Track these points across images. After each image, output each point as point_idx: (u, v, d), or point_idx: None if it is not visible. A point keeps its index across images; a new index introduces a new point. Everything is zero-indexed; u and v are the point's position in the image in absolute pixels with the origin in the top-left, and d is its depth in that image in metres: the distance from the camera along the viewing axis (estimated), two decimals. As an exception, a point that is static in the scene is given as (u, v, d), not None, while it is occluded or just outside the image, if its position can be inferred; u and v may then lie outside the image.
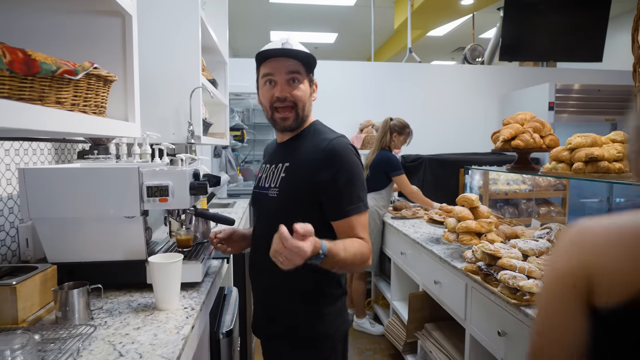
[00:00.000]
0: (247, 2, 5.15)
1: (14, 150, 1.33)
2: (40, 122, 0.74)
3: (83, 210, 1.18)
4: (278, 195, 1.16)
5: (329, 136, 1.15)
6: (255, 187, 1.29)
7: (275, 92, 1.14)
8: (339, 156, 1.10)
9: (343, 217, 1.10)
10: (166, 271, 1.08)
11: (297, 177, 1.14)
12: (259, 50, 1.15)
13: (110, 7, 1.04)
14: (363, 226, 1.13)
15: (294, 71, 1.14)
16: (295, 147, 1.19)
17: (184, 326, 0.99)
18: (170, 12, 1.95)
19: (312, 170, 1.11)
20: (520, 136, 1.90)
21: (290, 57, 1.13)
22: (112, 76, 0.94)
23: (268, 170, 1.24)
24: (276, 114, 1.16)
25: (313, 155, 1.13)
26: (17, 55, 0.71)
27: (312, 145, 1.15)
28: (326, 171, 1.10)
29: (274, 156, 1.26)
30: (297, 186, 1.14)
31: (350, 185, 1.10)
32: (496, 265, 1.56)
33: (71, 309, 1.00)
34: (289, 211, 1.13)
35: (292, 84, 1.14)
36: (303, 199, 1.13)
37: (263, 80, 1.16)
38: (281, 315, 1.19)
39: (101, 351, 0.87)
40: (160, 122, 2.02)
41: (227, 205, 3.35)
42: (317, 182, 1.10)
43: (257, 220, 1.28)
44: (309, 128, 1.21)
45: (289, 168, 1.17)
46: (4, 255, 1.28)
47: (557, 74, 4.99)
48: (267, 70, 1.15)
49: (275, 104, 1.14)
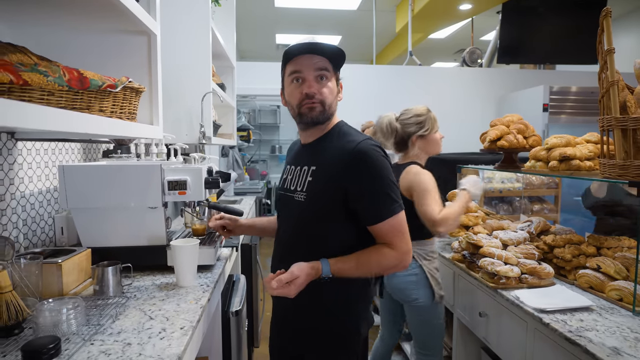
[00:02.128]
0: (253, 6, 5.34)
1: (50, 150, 1.52)
2: (87, 127, 0.92)
3: (113, 202, 1.36)
4: (305, 200, 1.14)
5: (356, 138, 1.12)
6: (280, 188, 1.27)
7: (303, 88, 1.11)
8: (367, 160, 1.08)
9: (376, 223, 1.09)
10: (186, 252, 1.26)
11: (325, 182, 1.12)
12: (287, 47, 1.12)
13: (138, 27, 1.22)
14: (397, 230, 1.10)
15: (323, 68, 1.11)
16: (321, 150, 1.17)
17: (202, 298, 1.18)
18: (184, 24, 2.14)
19: (341, 175, 1.09)
20: (505, 137, 2.06)
21: (319, 53, 1.11)
22: (142, 88, 1.12)
23: (293, 172, 1.22)
24: (303, 107, 1.13)
25: (341, 159, 1.10)
26: (73, 74, 0.89)
27: (339, 147, 1.12)
28: (356, 176, 1.08)
29: (299, 158, 1.24)
30: (325, 190, 1.11)
31: (382, 189, 1.08)
32: (478, 253, 1.73)
33: (106, 283, 1.18)
34: (316, 217, 1.12)
35: (321, 81, 1.12)
36: (331, 203, 1.11)
37: (290, 78, 1.14)
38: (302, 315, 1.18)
39: (134, 315, 1.05)
40: (175, 124, 2.21)
41: (234, 202, 3.53)
42: (346, 187, 1.09)
43: (282, 224, 1.27)
44: (335, 129, 1.19)
45: (315, 172, 1.14)
46: (43, 241, 1.47)
47: (556, 76, 5.13)
48: (294, 67, 1.12)
49: (303, 102, 1.12)
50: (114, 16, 1.11)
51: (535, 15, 4.78)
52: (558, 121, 4.29)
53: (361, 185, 1.08)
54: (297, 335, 1.21)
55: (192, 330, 0.98)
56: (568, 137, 1.78)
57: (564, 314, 1.31)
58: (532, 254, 1.65)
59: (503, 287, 1.55)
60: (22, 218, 1.35)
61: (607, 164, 1.42)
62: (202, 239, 1.54)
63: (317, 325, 1.16)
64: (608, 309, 1.35)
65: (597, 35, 1.43)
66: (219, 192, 3.45)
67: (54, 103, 0.87)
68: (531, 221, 1.97)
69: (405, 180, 1.73)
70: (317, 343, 1.17)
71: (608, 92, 1.40)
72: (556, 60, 5.15)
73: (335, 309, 1.15)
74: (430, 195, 1.64)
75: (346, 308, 1.16)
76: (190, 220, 1.82)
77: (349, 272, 1.08)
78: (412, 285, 1.72)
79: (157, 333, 0.95)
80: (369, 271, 1.10)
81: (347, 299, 1.16)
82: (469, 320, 1.82)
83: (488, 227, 2.13)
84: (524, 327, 1.41)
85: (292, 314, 1.21)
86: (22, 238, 1.35)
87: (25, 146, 1.38)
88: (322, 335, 1.16)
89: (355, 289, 1.16)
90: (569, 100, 4.33)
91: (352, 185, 1.08)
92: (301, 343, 1.20)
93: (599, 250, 1.68)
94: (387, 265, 1.11)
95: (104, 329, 0.97)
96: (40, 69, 0.84)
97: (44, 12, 1.11)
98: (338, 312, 1.15)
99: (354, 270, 1.08)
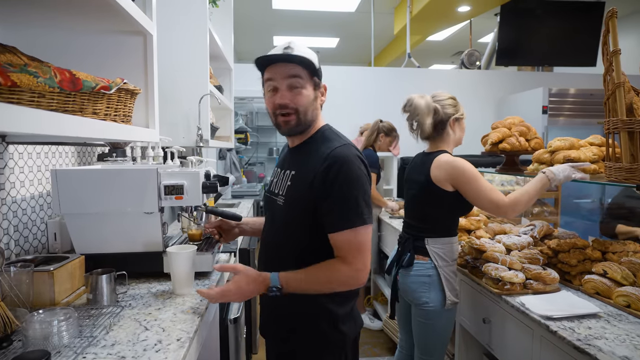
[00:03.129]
0: (251, 8, 5.31)
1: (43, 154, 1.48)
2: (80, 130, 0.89)
3: (107, 207, 1.32)
4: (284, 204, 1.15)
5: (333, 144, 1.11)
6: (267, 190, 1.29)
7: (276, 99, 1.11)
8: (337, 166, 1.06)
9: (332, 232, 1.06)
10: (182, 259, 1.22)
11: (299, 187, 1.12)
12: (259, 56, 1.12)
13: (133, 27, 1.18)
14: (353, 245, 1.05)
15: (295, 75, 1.10)
16: (302, 154, 1.17)
17: (199, 307, 1.14)
18: (181, 25, 2.10)
19: (311, 180, 1.08)
20: (507, 139, 2.04)
21: (290, 61, 1.10)
22: (137, 89, 1.08)
23: (279, 176, 1.24)
24: (279, 117, 1.14)
25: (315, 164, 1.09)
26: (65, 75, 0.85)
27: (317, 153, 1.12)
28: (323, 182, 1.06)
29: (285, 161, 1.25)
30: (299, 196, 1.11)
31: (344, 197, 1.05)
32: (481, 258, 1.70)
33: (100, 292, 1.14)
34: (293, 221, 1.12)
35: (294, 90, 1.11)
36: (304, 209, 1.10)
37: (266, 86, 1.15)
38: (288, 318, 1.15)
39: (129, 326, 1.01)
40: (171, 126, 2.16)
41: (232, 205, 3.50)
42: (314, 193, 1.07)
43: (265, 226, 1.28)
44: (317, 134, 1.18)
45: (294, 176, 1.15)
46: (35, 247, 1.43)
47: (554, 79, 5.12)
48: (268, 75, 1.13)
49: (277, 112, 1.13)
50: (109, 16, 1.07)
51: (533, 17, 4.77)
52: (557, 123, 4.28)
53: (325, 190, 1.06)
54: (279, 334, 1.19)
55: (189, 342, 0.94)
56: (571, 139, 1.75)
57: (571, 321, 1.28)
58: (536, 259, 1.62)
59: (507, 293, 1.52)
60: (14, 224, 1.31)
61: (613, 167, 1.39)
62: (199, 244, 1.50)
63: (296, 325, 1.14)
64: (616, 316, 1.31)
65: (602, 36, 1.40)
66: (216, 195, 3.40)
67: (44, 105, 0.83)
68: (534, 225, 1.94)
69: (439, 170, 1.62)
70: (299, 342, 1.15)
71: (614, 94, 1.37)
72: (554, 62, 5.15)
73: (308, 307, 1.12)
74: (481, 180, 1.57)
75: (321, 305, 1.11)
76: (187, 225, 1.78)
77: (297, 284, 1.05)
78: (424, 287, 1.63)
79: (153, 345, 0.91)
80: (318, 286, 1.06)
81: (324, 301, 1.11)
82: (472, 326, 1.78)
83: (490, 230, 2.10)
84: (529, 335, 1.38)
85: (275, 316, 1.19)
86: (13, 245, 1.31)
87: (17, 149, 1.33)
88: (302, 334, 1.14)
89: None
90: (568, 102, 4.32)
91: (319, 189, 1.07)
92: (286, 341, 1.17)
93: (604, 255, 1.66)
94: (337, 280, 1.07)
95: (97, 341, 0.93)
96: (30, 69, 0.80)
97: (38, 13, 1.07)
98: (312, 311, 1.12)
99: (303, 284, 1.05)
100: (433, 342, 1.69)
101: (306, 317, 1.12)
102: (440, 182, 1.62)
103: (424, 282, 1.63)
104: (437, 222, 1.68)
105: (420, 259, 1.66)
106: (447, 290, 1.62)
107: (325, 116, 1.21)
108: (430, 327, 1.66)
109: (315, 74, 1.15)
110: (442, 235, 1.66)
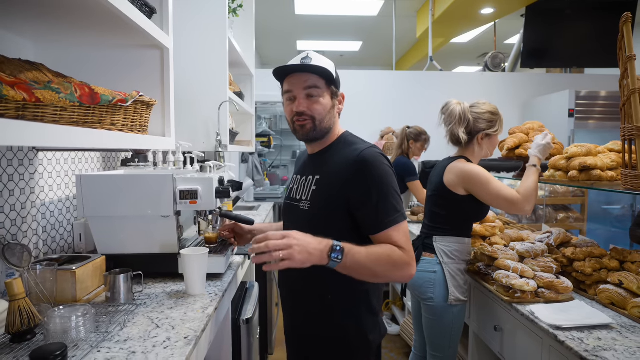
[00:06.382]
0: (274, 14, 5.40)
1: (70, 160, 1.58)
2: (99, 142, 0.96)
3: (127, 210, 1.40)
4: (309, 209, 1.15)
5: (360, 147, 1.14)
6: (287, 197, 1.29)
7: (294, 107, 1.15)
8: (370, 168, 1.08)
9: (378, 232, 1.08)
10: (194, 261, 1.28)
11: (329, 190, 1.13)
12: (276, 68, 1.16)
13: (151, 42, 1.26)
14: (403, 235, 1.08)
15: (312, 86, 1.13)
16: (325, 159, 1.19)
17: (208, 307, 1.19)
18: (202, 36, 2.19)
19: (344, 183, 1.10)
20: (524, 145, 2.00)
21: (308, 72, 1.14)
22: (153, 101, 1.15)
23: (299, 182, 1.25)
24: (296, 123, 1.17)
25: (344, 167, 1.11)
26: (84, 90, 0.93)
27: (343, 156, 1.14)
28: (358, 184, 1.08)
29: (305, 168, 1.26)
30: (328, 199, 1.13)
31: (385, 198, 1.08)
32: (493, 265, 1.69)
33: (118, 290, 1.21)
34: (320, 225, 1.11)
35: (311, 99, 1.14)
36: (335, 212, 1.11)
37: (285, 96, 1.19)
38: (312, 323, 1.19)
39: (142, 323, 1.08)
40: (192, 132, 2.25)
41: (252, 208, 3.58)
42: (349, 195, 1.09)
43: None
44: (339, 140, 1.21)
45: (319, 181, 1.16)
46: (62, 247, 1.53)
47: (584, 80, 4.96)
48: (287, 87, 1.17)
49: (294, 119, 1.17)
50: (128, 33, 1.15)
51: (560, 17, 4.64)
52: (586, 127, 4.14)
53: (363, 193, 1.08)
54: (304, 343, 1.23)
55: (196, 340, 0.99)
56: (589, 146, 1.71)
57: (581, 332, 1.26)
58: (550, 267, 1.60)
59: (518, 301, 1.50)
60: (42, 225, 1.41)
61: (629, 175, 1.36)
62: (214, 247, 1.56)
63: (324, 333, 1.17)
64: (629, 328, 1.28)
65: (618, 41, 1.38)
66: (234, 198, 3.49)
67: (66, 118, 0.90)
68: (551, 232, 1.91)
69: (452, 175, 1.69)
70: (324, 351, 1.17)
71: (629, 100, 1.34)
72: (583, 63, 4.98)
73: (341, 316, 1.15)
74: (492, 182, 1.62)
75: (352, 315, 1.15)
76: (204, 227, 1.85)
77: (358, 256, 1.00)
78: (429, 284, 1.70)
79: (162, 342, 0.97)
80: (377, 264, 1.03)
81: (353, 306, 1.16)
82: (484, 334, 1.77)
83: (506, 237, 2.08)
84: (539, 344, 1.36)
85: (300, 322, 1.23)
86: (42, 244, 1.41)
87: (46, 156, 1.44)
88: (329, 343, 1.16)
89: (361, 294, 1.16)
90: (598, 105, 4.18)
91: (354, 192, 1.09)
92: (309, 351, 1.21)
93: (622, 265, 1.61)
94: (395, 262, 1.04)
95: (111, 336, 0.99)
96: (53, 86, 0.87)
97: (66, 31, 1.16)
98: (344, 320, 1.15)
99: (364, 257, 1.01)
100: (440, 339, 1.74)
101: (336, 328, 1.15)
102: (453, 187, 1.70)
103: (429, 278, 1.70)
104: (447, 222, 1.74)
105: (427, 255, 1.74)
106: (451, 287, 1.67)
107: (347, 120, 1.24)
108: (437, 323, 1.72)
109: (333, 83, 1.18)
110: (451, 235, 1.72)
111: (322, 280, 1.13)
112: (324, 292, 1.15)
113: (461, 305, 1.70)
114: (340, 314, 1.15)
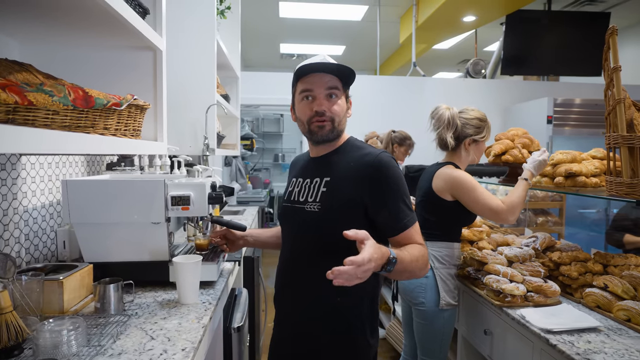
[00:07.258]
0: (257, 16, 5.37)
1: (54, 164, 1.52)
2: (91, 147, 0.92)
3: (115, 217, 1.35)
4: (320, 210, 1.14)
5: (373, 151, 1.16)
6: (287, 201, 1.26)
7: (314, 106, 1.13)
8: (388, 171, 1.11)
9: (399, 233, 1.11)
10: (188, 269, 1.25)
11: (342, 192, 1.13)
12: (299, 66, 1.14)
13: (144, 43, 1.22)
14: (419, 233, 1.14)
15: (333, 87, 1.14)
16: (335, 162, 1.18)
17: (204, 317, 1.16)
18: (190, 38, 2.15)
19: (360, 184, 1.11)
20: (510, 151, 2.05)
21: (329, 72, 1.14)
22: (147, 105, 1.12)
23: (301, 185, 1.22)
24: (314, 124, 1.15)
25: (359, 169, 1.12)
26: (78, 93, 0.89)
27: (355, 159, 1.15)
28: (376, 187, 1.10)
29: (307, 170, 1.24)
30: (342, 200, 1.12)
31: (402, 200, 1.11)
32: (483, 270, 1.71)
33: (108, 301, 1.17)
34: (333, 225, 1.09)
35: (331, 99, 1.14)
36: (350, 211, 1.11)
37: (301, 95, 1.16)
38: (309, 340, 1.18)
39: (136, 335, 1.04)
40: (179, 136, 2.21)
41: (237, 212, 3.53)
42: (366, 197, 1.11)
43: (290, 235, 1.24)
44: (346, 143, 1.22)
45: (330, 182, 1.15)
46: (45, 255, 1.47)
47: (559, 88, 5.12)
48: (306, 86, 1.15)
49: (313, 119, 1.14)
50: (121, 33, 1.11)
51: (539, 26, 4.79)
52: (562, 133, 4.28)
53: (382, 196, 1.11)
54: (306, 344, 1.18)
55: (194, 352, 0.97)
56: (574, 153, 1.77)
57: (571, 335, 1.29)
58: (538, 271, 1.63)
59: (508, 305, 1.53)
60: (25, 232, 1.35)
61: (614, 182, 1.40)
62: (205, 254, 1.53)
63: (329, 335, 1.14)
64: (616, 330, 1.32)
65: (603, 52, 1.42)
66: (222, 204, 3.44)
67: (58, 122, 0.86)
68: (536, 237, 1.95)
69: (439, 181, 1.72)
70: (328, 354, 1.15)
71: (614, 110, 1.38)
72: (560, 71, 5.15)
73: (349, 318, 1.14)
74: (480, 189, 1.65)
75: (358, 318, 1.15)
76: (192, 233, 1.81)
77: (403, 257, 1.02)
78: (420, 288, 1.71)
79: (159, 355, 0.94)
80: (415, 260, 1.05)
81: (360, 309, 1.15)
82: (473, 338, 1.79)
83: (493, 242, 2.11)
84: (530, 347, 1.39)
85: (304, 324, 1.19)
86: (24, 253, 1.35)
87: (29, 160, 1.37)
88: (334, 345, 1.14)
89: (367, 294, 1.17)
90: (573, 112, 4.32)
91: (373, 195, 1.11)
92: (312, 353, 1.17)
93: (605, 268, 1.66)
94: (424, 257, 1.10)
95: (104, 350, 0.96)
96: (45, 88, 0.83)
97: (54, 30, 1.11)
98: (352, 321, 1.14)
99: (407, 258, 1.03)
100: (432, 343, 1.75)
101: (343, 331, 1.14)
102: (441, 193, 1.72)
103: (421, 282, 1.71)
104: (438, 227, 1.76)
105: None
106: (442, 292, 1.69)
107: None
108: (428, 328, 1.73)
109: (348, 87, 1.22)
110: (441, 240, 1.74)
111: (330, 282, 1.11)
112: (331, 293, 1.12)
113: (452, 310, 1.72)
114: (349, 316, 1.14)
